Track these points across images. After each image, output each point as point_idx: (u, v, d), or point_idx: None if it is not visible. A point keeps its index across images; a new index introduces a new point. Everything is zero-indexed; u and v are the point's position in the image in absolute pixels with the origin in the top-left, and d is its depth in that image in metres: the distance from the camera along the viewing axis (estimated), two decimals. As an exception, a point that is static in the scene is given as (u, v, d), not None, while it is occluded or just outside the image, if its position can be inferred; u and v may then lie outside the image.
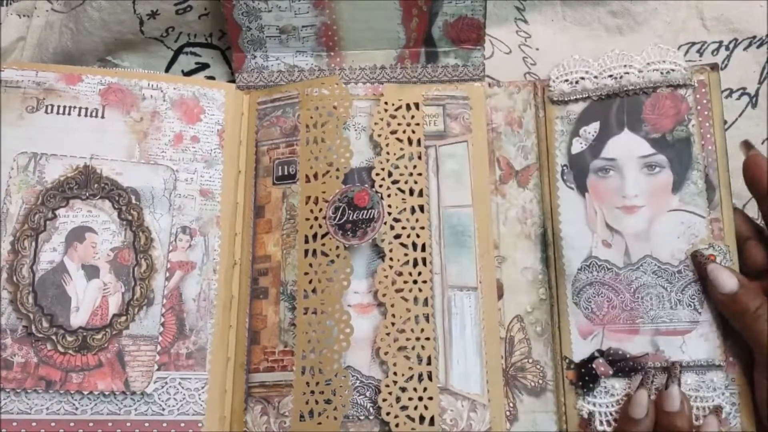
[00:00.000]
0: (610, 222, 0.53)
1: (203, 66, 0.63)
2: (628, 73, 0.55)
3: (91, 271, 0.51)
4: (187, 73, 0.63)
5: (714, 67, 0.54)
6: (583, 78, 0.56)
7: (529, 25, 0.63)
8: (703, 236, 0.51)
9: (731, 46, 0.60)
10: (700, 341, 0.50)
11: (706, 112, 0.53)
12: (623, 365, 0.50)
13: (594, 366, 0.50)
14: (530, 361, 0.52)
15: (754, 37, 0.60)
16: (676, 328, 0.50)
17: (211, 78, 0.63)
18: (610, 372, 0.50)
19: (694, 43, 0.61)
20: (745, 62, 0.59)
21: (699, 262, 0.50)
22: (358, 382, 0.51)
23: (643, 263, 0.52)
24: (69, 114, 0.54)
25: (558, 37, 0.62)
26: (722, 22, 0.60)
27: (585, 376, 0.50)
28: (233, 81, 0.61)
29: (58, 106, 0.54)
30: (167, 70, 0.63)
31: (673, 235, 0.51)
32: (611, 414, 0.50)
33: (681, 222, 0.52)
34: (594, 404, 0.50)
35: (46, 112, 0.54)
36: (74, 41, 0.60)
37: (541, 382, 0.52)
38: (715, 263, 0.49)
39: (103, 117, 0.55)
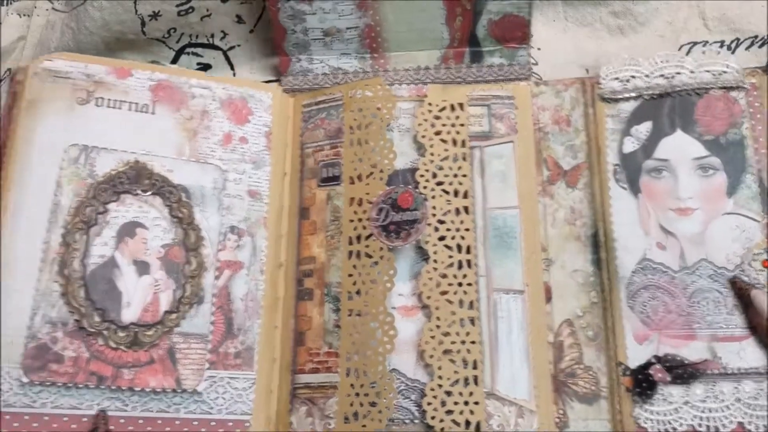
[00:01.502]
0: (664, 224, 0.52)
1: (205, 67, 0.64)
2: (679, 73, 0.54)
3: (142, 267, 0.52)
4: None
5: (766, 69, 0.53)
6: (633, 76, 0.55)
7: (530, 26, 0.61)
8: (758, 240, 0.50)
9: (733, 45, 0.59)
10: (758, 348, 0.48)
11: (758, 116, 0.52)
12: (681, 372, 0.48)
13: (651, 372, 0.48)
14: (582, 366, 0.51)
15: (756, 36, 0.59)
16: (733, 334, 0.48)
17: None
18: (668, 379, 0.48)
19: (695, 43, 0.60)
20: (746, 62, 0.57)
21: (740, 288, 0.49)
22: (403, 385, 0.50)
23: (699, 267, 0.50)
24: (119, 108, 0.54)
25: (559, 37, 0.61)
26: (724, 22, 0.60)
27: (642, 383, 0.48)
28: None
29: (109, 100, 0.54)
30: None
31: (728, 239, 0.50)
32: (669, 422, 0.48)
33: (736, 226, 0.50)
34: (652, 412, 0.48)
35: (96, 104, 0.53)
36: (75, 41, 0.61)
37: (593, 388, 0.50)
38: (757, 289, 0.48)
39: (153, 113, 0.55)
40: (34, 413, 0.47)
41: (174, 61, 0.64)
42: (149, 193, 0.53)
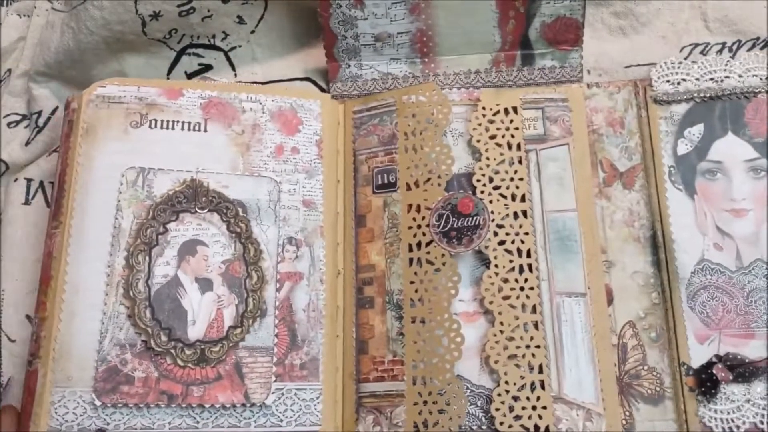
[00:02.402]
0: (720, 225, 0.53)
1: (206, 67, 0.63)
2: (728, 77, 0.55)
3: (205, 284, 0.51)
4: (190, 75, 0.63)
5: None
6: (684, 79, 0.55)
7: None
8: None
9: (734, 47, 0.60)
10: None
11: None
12: (743, 370, 0.49)
13: (714, 372, 0.50)
14: (645, 368, 0.51)
15: (758, 38, 0.59)
16: None
17: (214, 80, 0.62)
18: (730, 377, 0.49)
19: (697, 45, 0.60)
20: (746, 63, 0.57)
21: None
22: (469, 391, 0.51)
23: (755, 267, 0.51)
24: (172, 128, 0.54)
25: None
26: (725, 24, 0.60)
27: (705, 383, 0.49)
28: (238, 83, 0.61)
29: (162, 121, 0.55)
30: (170, 71, 0.63)
31: None
32: (732, 421, 0.49)
33: None
34: (716, 411, 0.49)
35: (150, 126, 0.54)
36: (76, 40, 0.60)
37: (658, 389, 0.51)
38: None
39: (205, 131, 0.55)
40: (109, 436, 0.47)
41: (175, 62, 0.63)
42: (206, 210, 0.53)
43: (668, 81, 0.56)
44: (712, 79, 0.55)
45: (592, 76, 0.61)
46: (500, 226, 0.53)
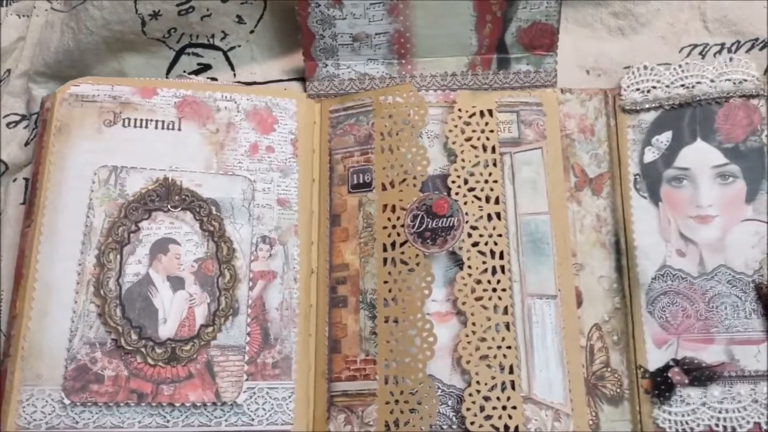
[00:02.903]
0: (684, 231, 0.53)
1: (205, 67, 0.63)
2: (700, 82, 0.55)
3: (177, 283, 0.51)
4: (189, 75, 0.62)
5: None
6: (654, 87, 0.56)
7: None
8: None
9: (734, 48, 0.60)
10: None
11: None
12: (699, 374, 0.50)
13: (669, 375, 0.51)
14: (609, 370, 0.53)
15: (757, 39, 0.59)
16: (750, 337, 0.51)
17: (214, 79, 0.62)
18: (686, 381, 0.50)
19: (696, 45, 0.61)
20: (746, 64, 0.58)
21: (765, 294, 0.51)
22: (440, 391, 0.51)
23: (718, 273, 0.52)
24: (146, 127, 0.54)
25: (560, 38, 0.61)
26: (725, 24, 0.60)
27: (660, 385, 0.51)
28: (237, 83, 0.61)
29: (135, 120, 0.54)
30: (168, 71, 0.63)
31: (747, 245, 0.52)
32: (687, 423, 0.50)
33: (755, 232, 0.52)
34: (670, 413, 0.51)
35: (123, 125, 0.54)
36: (75, 40, 0.60)
37: (619, 391, 0.52)
38: None
39: (179, 129, 0.55)
40: (77, 435, 0.47)
41: (174, 61, 0.63)
42: (179, 208, 0.53)
43: (638, 89, 0.56)
44: (683, 85, 0.56)
45: (591, 76, 0.61)
46: (474, 228, 0.54)
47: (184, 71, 0.63)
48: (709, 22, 0.61)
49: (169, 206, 0.52)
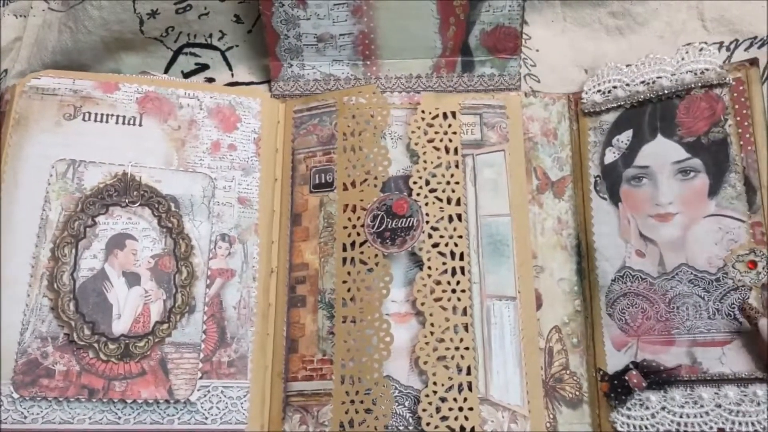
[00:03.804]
0: (644, 231, 0.53)
1: (203, 67, 0.63)
2: (660, 77, 0.54)
3: (132, 279, 0.51)
4: (187, 75, 0.63)
5: (753, 62, 0.51)
6: (615, 87, 0.56)
7: (529, 27, 0.62)
8: (744, 241, 0.49)
9: (732, 47, 0.59)
10: (741, 353, 0.48)
11: (744, 111, 0.50)
12: (657, 377, 0.50)
13: (627, 378, 0.50)
14: (568, 372, 0.52)
15: (755, 37, 0.59)
16: (714, 338, 0.49)
17: (211, 80, 0.62)
18: (644, 384, 0.50)
19: (694, 44, 0.60)
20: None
21: (749, 316, 0.48)
22: (397, 392, 0.51)
23: (679, 272, 0.51)
24: (107, 122, 0.54)
25: (558, 39, 0.62)
26: (723, 23, 0.60)
27: (618, 388, 0.50)
28: (235, 83, 0.61)
29: (96, 114, 0.54)
30: (166, 70, 0.63)
31: (709, 241, 0.50)
32: (646, 427, 0.49)
33: (718, 228, 0.50)
34: (629, 417, 0.50)
35: (83, 119, 0.54)
36: (74, 40, 0.60)
37: (578, 393, 0.52)
38: (766, 318, 0.47)
39: (140, 125, 0.55)
40: (25, 429, 0.46)
41: (172, 61, 0.63)
42: (137, 204, 0.52)
43: (599, 90, 0.56)
44: (643, 82, 0.54)
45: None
46: (435, 229, 0.54)
47: (182, 71, 0.62)
48: (706, 21, 0.60)
49: (127, 201, 0.52)
